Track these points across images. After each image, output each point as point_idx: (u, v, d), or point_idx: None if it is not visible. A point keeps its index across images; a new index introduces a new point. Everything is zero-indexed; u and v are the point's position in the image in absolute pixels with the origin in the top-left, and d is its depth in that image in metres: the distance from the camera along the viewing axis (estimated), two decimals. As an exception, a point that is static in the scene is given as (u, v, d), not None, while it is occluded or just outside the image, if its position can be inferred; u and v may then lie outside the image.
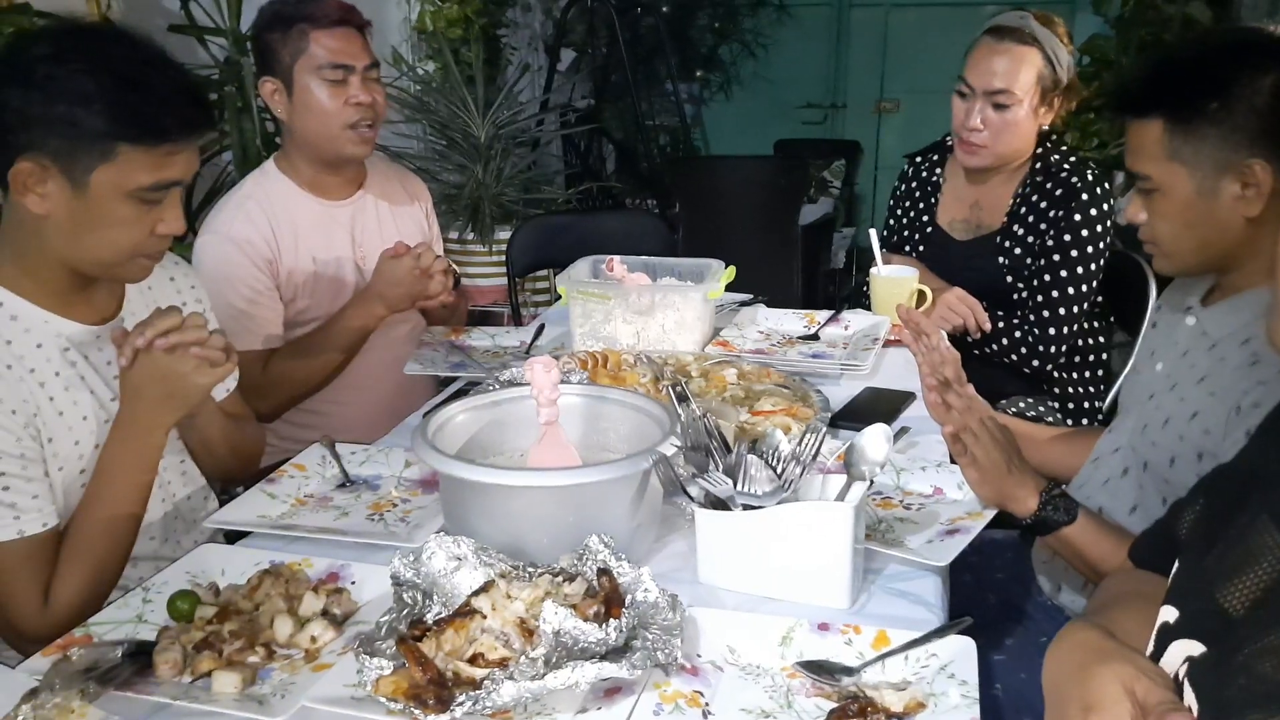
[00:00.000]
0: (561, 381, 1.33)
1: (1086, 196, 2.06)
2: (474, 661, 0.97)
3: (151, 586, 1.17)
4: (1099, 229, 2.06)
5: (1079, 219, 2.06)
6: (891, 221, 2.41)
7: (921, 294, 2.05)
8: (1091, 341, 2.22)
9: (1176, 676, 0.82)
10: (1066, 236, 2.06)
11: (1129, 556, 1.14)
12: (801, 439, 1.22)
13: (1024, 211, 2.14)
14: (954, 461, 1.35)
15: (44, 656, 1.03)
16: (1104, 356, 2.25)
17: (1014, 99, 2.06)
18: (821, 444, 1.23)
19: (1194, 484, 1.04)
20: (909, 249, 2.32)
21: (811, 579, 1.13)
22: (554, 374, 1.31)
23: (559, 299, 1.96)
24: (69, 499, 1.30)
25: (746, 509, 1.16)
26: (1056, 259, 2.08)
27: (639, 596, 1.03)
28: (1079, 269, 2.06)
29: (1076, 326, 2.11)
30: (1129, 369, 1.78)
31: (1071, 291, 2.07)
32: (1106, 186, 2.09)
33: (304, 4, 1.89)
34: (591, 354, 1.70)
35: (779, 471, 1.19)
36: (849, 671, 1.01)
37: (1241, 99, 1.21)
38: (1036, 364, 2.11)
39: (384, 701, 0.92)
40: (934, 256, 2.25)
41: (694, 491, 1.17)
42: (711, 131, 5.92)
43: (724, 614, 1.10)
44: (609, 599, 0.99)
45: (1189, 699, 0.79)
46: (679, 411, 1.26)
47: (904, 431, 1.54)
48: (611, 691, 0.97)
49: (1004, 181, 2.20)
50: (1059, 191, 2.10)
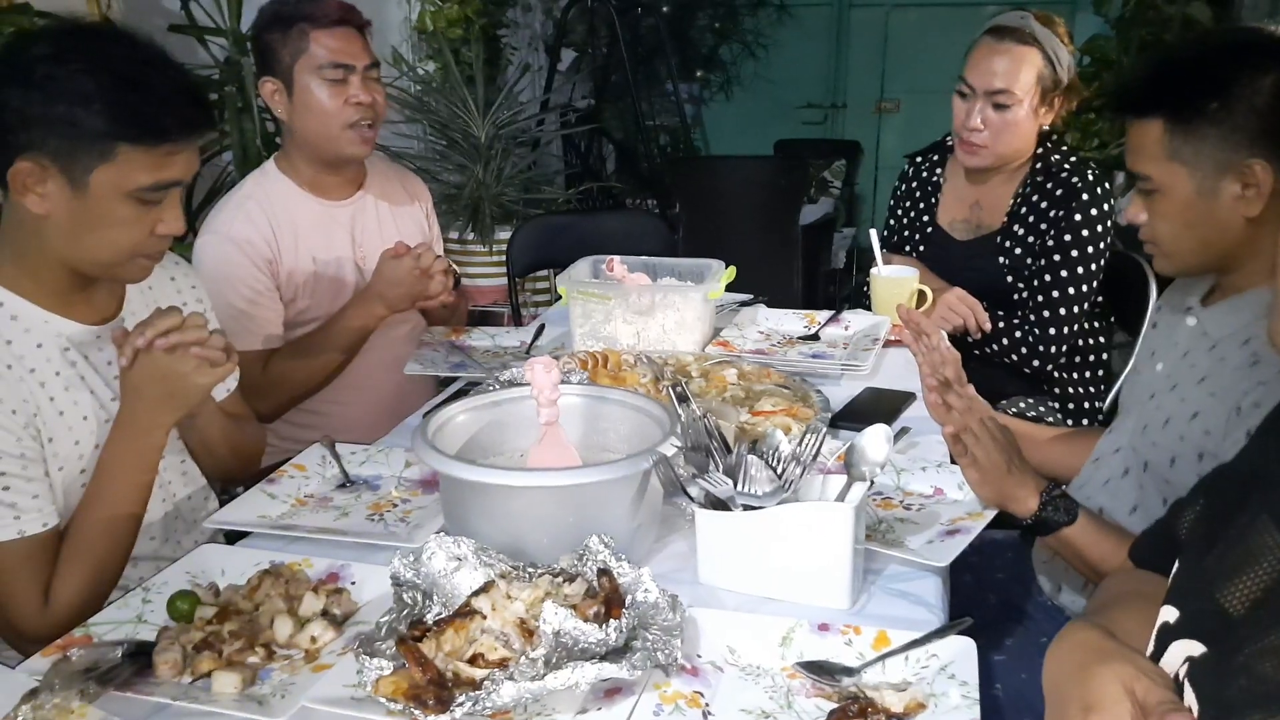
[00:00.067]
0: (561, 382, 1.33)
1: (1087, 196, 2.06)
2: (474, 662, 0.97)
3: (151, 587, 1.17)
4: (1099, 229, 2.06)
5: (1079, 219, 2.06)
6: (892, 221, 2.41)
7: (922, 294, 2.05)
8: (1092, 342, 2.22)
9: (1177, 676, 0.82)
10: (1067, 236, 2.06)
11: (1129, 556, 1.14)
12: (802, 439, 1.22)
13: (1024, 211, 2.14)
14: (954, 462, 1.34)
15: (44, 657, 1.03)
16: (1104, 357, 2.25)
17: (1014, 99, 2.06)
18: (822, 444, 1.23)
19: (1194, 484, 1.04)
20: (909, 249, 2.32)
21: (812, 579, 1.13)
22: (554, 374, 1.30)
23: (559, 299, 1.96)
24: (69, 499, 1.30)
25: (747, 509, 1.15)
26: (1057, 259, 2.08)
27: (639, 597, 1.03)
28: (1079, 269, 2.06)
29: (1077, 327, 2.11)
30: (1129, 369, 1.78)
31: (1072, 291, 2.07)
32: (1107, 186, 2.09)
33: (304, 4, 1.89)
34: (592, 354, 1.70)
35: (779, 472, 1.19)
36: (849, 672, 1.01)
37: (1242, 99, 1.21)
38: (1037, 364, 2.11)
39: (384, 702, 0.92)
40: (934, 256, 2.25)
41: (694, 492, 1.17)
42: (712, 132, 5.93)
43: (724, 614, 1.10)
44: (609, 599, 0.99)
45: (1189, 699, 0.79)
46: (679, 412, 1.26)
47: (904, 432, 1.54)
48: (611, 692, 0.97)
49: (1004, 181, 2.19)
50: (1059, 191, 2.10)
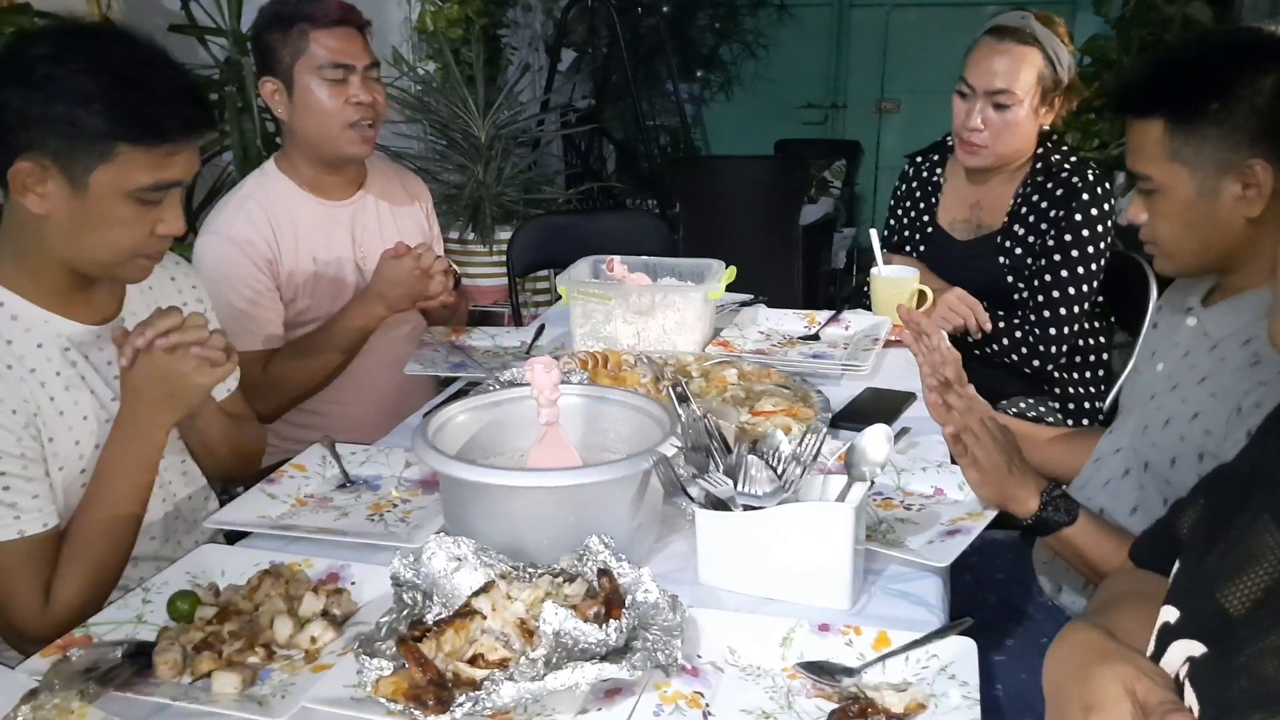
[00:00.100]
0: (562, 382, 1.33)
1: (1087, 196, 2.06)
2: (474, 662, 0.97)
3: (151, 587, 1.16)
4: (1100, 229, 2.06)
5: (1080, 219, 2.06)
6: (892, 221, 2.41)
7: (922, 294, 2.05)
8: (1092, 342, 2.22)
9: (1177, 677, 0.82)
10: (1067, 236, 2.06)
11: (1129, 556, 1.14)
12: (802, 439, 1.22)
13: (1025, 211, 2.14)
14: (954, 462, 1.34)
15: (43, 657, 1.03)
16: (1105, 357, 2.25)
17: (1014, 99, 2.06)
18: (822, 444, 1.23)
19: (1195, 484, 1.04)
20: (909, 249, 2.32)
21: (812, 580, 1.13)
22: (554, 374, 1.30)
23: (559, 299, 1.96)
24: (69, 499, 1.30)
25: (747, 509, 1.15)
26: (1057, 259, 2.07)
27: (639, 597, 1.03)
28: (1079, 269, 2.06)
29: (1077, 327, 2.11)
30: (1130, 369, 1.78)
31: (1072, 292, 2.07)
32: (1107, 186, 2.09)
33: (304, 4, 1.89)
34: (592, 354, 1.70)
35: (779, 472, 1.19)
36: (849, 672, 1.01)
37: (1242, 99, 1.21)
38: (1037, 364, 2.11)
39: (384, 702, 0.92)
40: (934, 256, 2.25)
41: (694, 492, 1.17)
42: (712, 131, 5.93)
43: (724, 615, 1.10)
44: (609, 600, 0.99)
45: (1190, 699, 0.79)
46: (679, 412, 1.26)
47: (904, 432, 1.54)
48: (612, 692, 0.97)
49: (1005, 181, 2.19)
50: (1060, 191, 2.09)
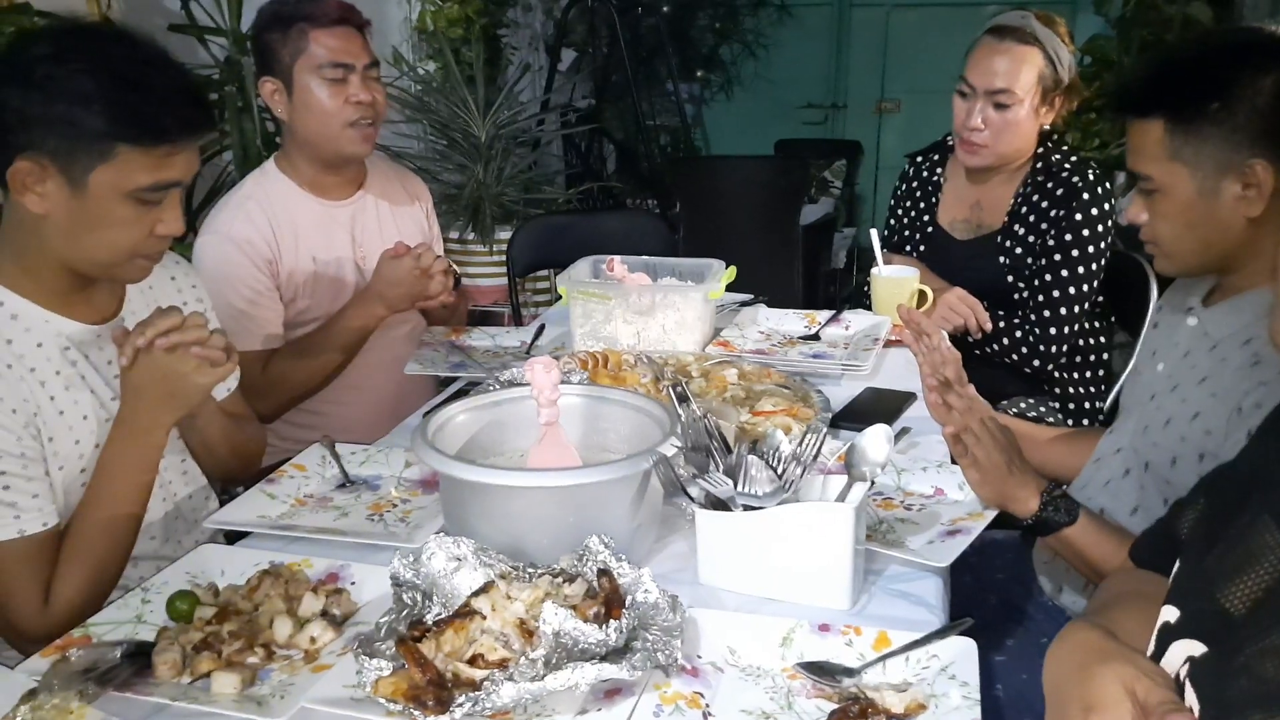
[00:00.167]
0: (562, 382, 1.33)
1: (1087, 196, 2.06)
2: (474, 662, 0.97)
3: (151, 587, 1.16)
4: (1100, 229, 2.06)
5: (1080, 219, 2.05)
6: (892, 221, 2.41)
7: (922, 294, 2.05)
8: (1092, 342, 2.22)
9: (1177, 677, 0.82)
10: (1067, 236, 2.06)
11: (1130, 556, 1.14)
12: (802, 439, 1.22)
13: (1025, 211, 2.14)
14: (955, 462, 1.34)
15: (43, 657, 1.03)
16: (1105, 357, 2.25)
17: (1015, 99, 2.06)
18: (822, 444, 1.23)
19: (1195, 484, 1.04)
20: (910, 249, 2.32)
21: (812, 580, 1.13)
22: (554, 374, 1.30)
23: (559, 299, 1.96)
24: (69, 498, 1.30)
25: (747, 510, 1.15)
26: (1057, 259, 2.07)
27: (639, 597, 1.02)
28: (1080, 269, 2.06)
29: (1077, 326, 2.11)
30: (1130, 369, 1.77)
31: (1072, 291, 2.07)
32: (1107, 186, 2.09)
33: (303, 3, 1.88)
34: (592, 354, 1.70)
35: (779, 472, 1.19)
36: (850, 673, 1.01)
37: (1243, 99, 1.21)
38: (1037, 364, 2.11)
39: (383, 702, 0.91)
40: (935, 256, 2.25)
41: (694, 492, 1.17)
42: (712, 131, 5.93)
43: (724, 615, 1.10)
44: (609, 600, 0.99)
45: (1190, 699, 0.79)
46: (679, 412, 1.26)
47: (905, 432, 1.54)
48: (611, 693, 0.97)
49: (1005, 181, 2.19)
50: (1060, 191, 2.09)
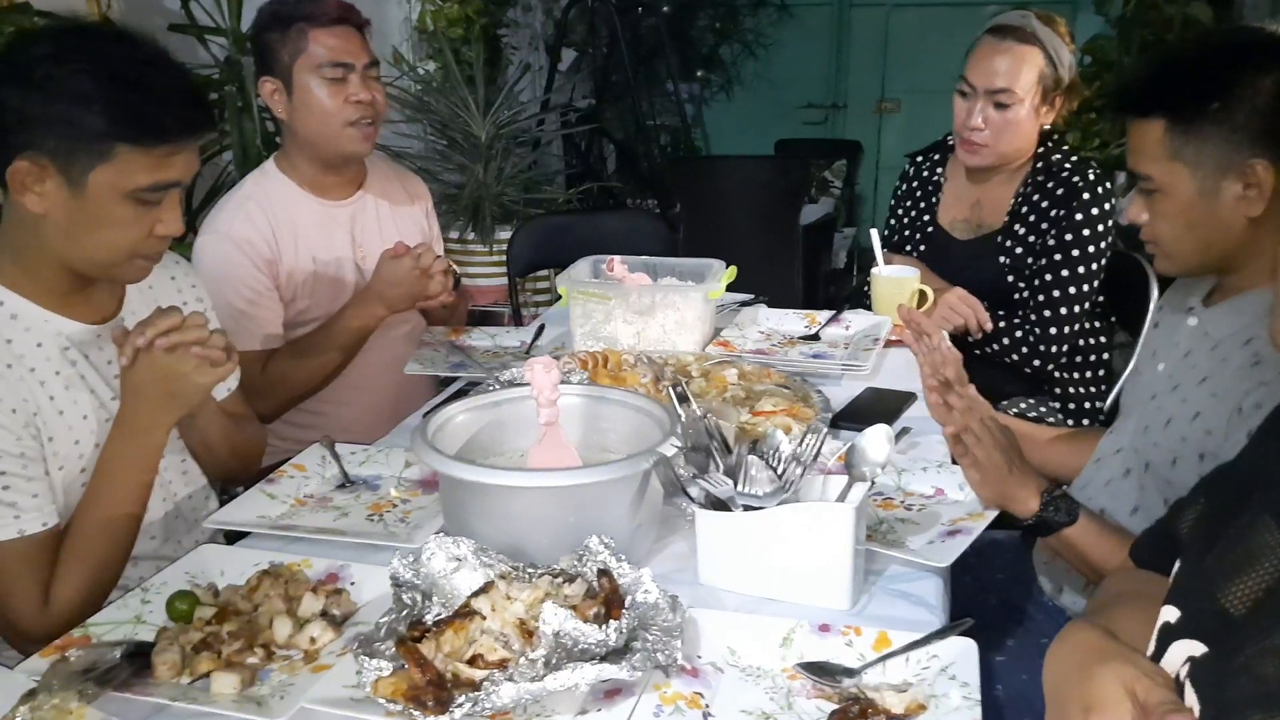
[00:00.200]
0: (561, 382, 1.33)
1: (1088, 196, 2.05)
2: (473, 663, 0.97)
3: (150, 587, 1.16)
4: (1100, 229, 2.06)
5: (1080, 219, 2.05)
6: (892, 221, 2.41)
7: (923, 294, 2.05)
8: (1093, 342, 2.22)
9: (1178, 677, 0.82)
10: (1068, 236, 2.06)
11: (1130, 556, 1.14)
12: (802, 439, 1.21)
13: (1025, 211, 2.14)
14: (955, 462, 1.34)
15: (42, 657, 1.03)
16: (1105, 357, 2.25)
17: (1015, 98, 2.06)
18: (822, 444, 1.22)
19: (1195, 484, 1.04)
20: (910, 249, 2.32)
21: (812, 580, 1.13)
22: (554, 374, 1.30)
23: (559, 299, 1.96)
24: (69, 498, 1.30)
25: (747, 510, 1.15)
26: (1058, 259, 2.07)
27: (639, 597, 1.02)
28: (1080, 269, 2.06)
29: (1078, 326, 2.11)
30: (1130, 369, 1.77)
31: (1073, 291, 2.07)
32: (1108, 186, 2.09)
33: (303, 3, 1.88)
34: (592, 354, 1.70)
35: (780, 472, 1.19)
36: (850, 673, 1.01)
37: (1243, 99, 1.21)
38: (1038, 364, 2.11)
39: (383, 703, 0.91)
40: (935, 256, 2.24)
41: (694, 492, 1.17)
42: (712, 131, 5.92)
43: (724, 615, 1.10)
44: (609, 600, 0.99)
45: (1190, 699, 0.79)
46: (679, 412, 1.26)
47: (905, 432, 1.54)
48: (611, 693, 0.97)
49: (1005, 181, 2.19)
50: (1060, 191, 2.09)
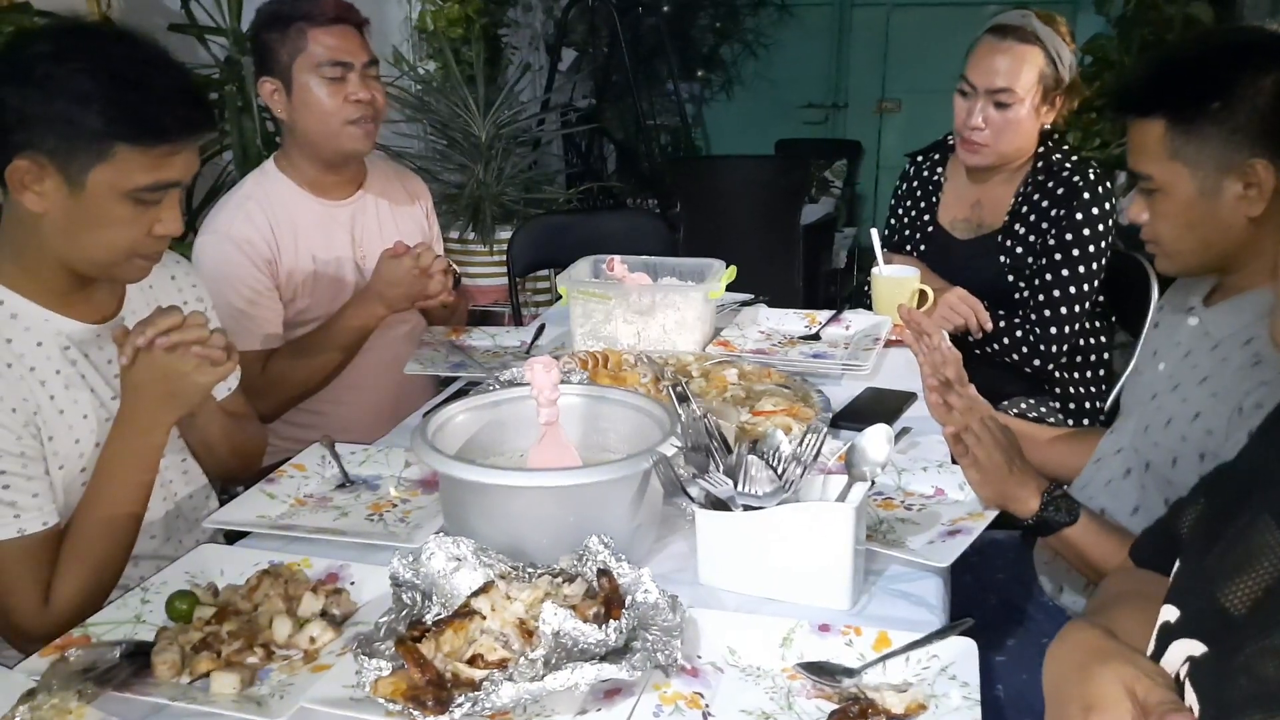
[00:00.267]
0: (561, 381, 1.33)
1: (1088, 195, 2.05)
2: (473, 663, 0.97)
3: (150, 587, 1.16)
4: (1100, 228, 2.06)
5: (1080, 218, 2.05)
6: (893, 221, 2.41)
7: (923, 294, 2.05)
8: (1093, 341, 2.22)
9: (1177, 676, 0.82)
10: (1068, 236, 2.06)
11: (1130, 555, 1.14)
12: (802, 439, 1.21)
13: (1025, 211, 2.14)
14: (955, 462, 1.34)
15: (41, 657, 1.03)
16: (1105, 357, 2.25)
17: (1016, 98, 2.06)
18: (822, 444, 1.22)
19: (1195, 483, 1.04)
20: (910, 248, 2.32)
21: (812, 580, 1.13)
22: (554, 374, 1.30)
23: (559, 299, 1.96)
24: (69, 498, 1.30)
25: (747, 510, 1.15)
26: (1058, 258, 2.07)
27: (639, 597, 1.02)
28: (1080, 268, 2.06)
29: (1078, 326, 2.11)
30: (1131, 369, 1.77)
31: (1073, 291, 2.07)
32: (1108, 186, 2.08)
33: (301, 3, 1.88)
34: (592, 354, 1.70)
35: (780, 472, 1.19)
36: (850, 673, 1.01)
37: (1243, 99, 1.21)
38: (1038, 364, 2.11)
39: (383, 703, 0.91)
40: (935, 256, 2.24)
41: (694, 492, 1.17)
42: (712, 131, 5.93)
43: (724, 615, 1.10)
44: (609, 600, 0.99)
45: (1190, 699, 0.79)
46: (679, 412, 1.26)
47: (905, 432, 1.54)
48: (611, 693, 0.97)
49: (1005, 181, 2.19)
50: (1060, 191, 2.09)
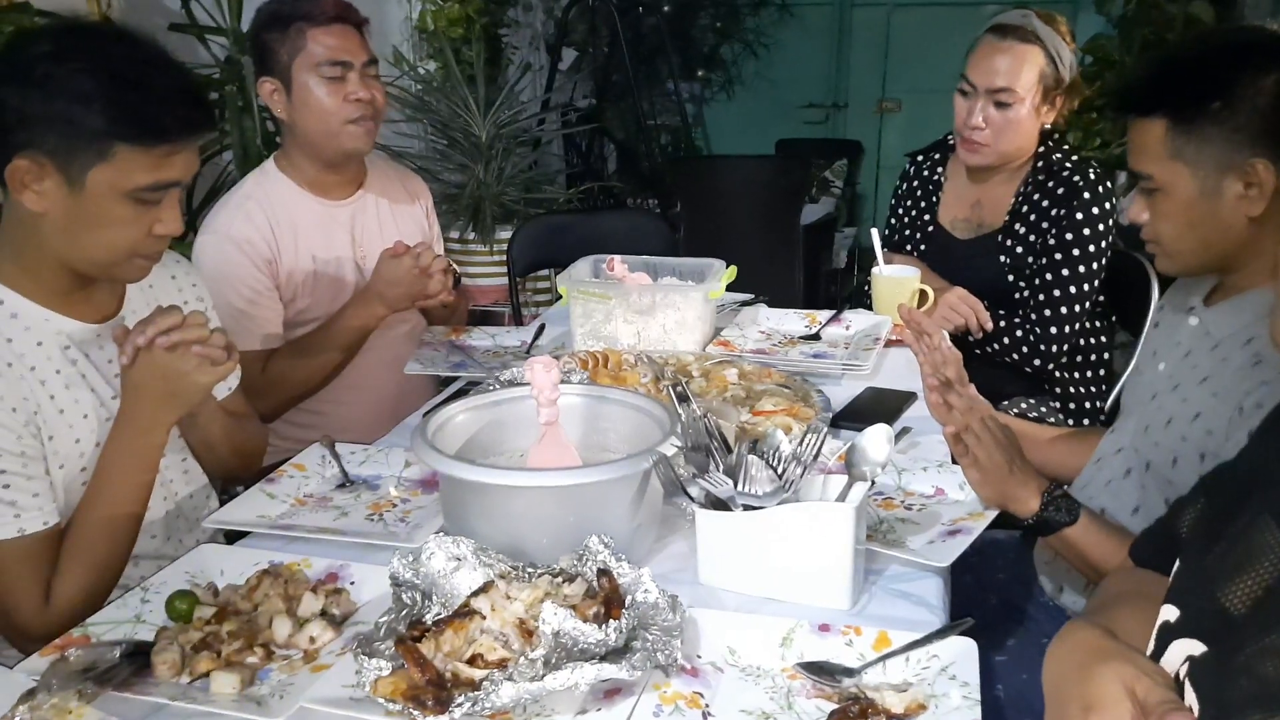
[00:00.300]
0: (562, 381, 1.33)
1: (1088, 195, 2.05)
2: (473, 662, 0.97)
3: (150, 587, 1.16)
4: (1101, 228, 2.06)
5: (1081, 218, 2.05)
6: (893, 220, 2.41)
7: (923, 293, 2.05)
8: (1093, 341, 2.22)
9: (1177, 676, 0.82)
10: (1068, 235, 2.06)
11: (1130, 555, 1.14)
12: (802, 439, 1.21)
13: (1025, 210, 2.14)
14: (955, 462, 1.34)
15: (41, 657, 1.03)
16: (1106, 356, 2.25)
17: (1016, 97, 2.06)
18: (822, 444, 1.22)
19: (1195, 483, 1.04)
20: (910, 248, 2.32)
21: (812, 580, 1.13)
22: (554, 374, 1.30)
23: (560, 299, 1.96)
24: (70, 497, 1.30)
25: (747, 509, 1.15)
26: (1058, 258, 2.07)
27: (639, 597, 1.02)
28: (1080, 268, 2.06)
29: (1078, 326, 2.11)
30: (1131, 369, 1.77)
31: (1073, 291, 2.07)
32: (1108, 185, 2.08)
33: (301, 2, 1.88)
34: (592, 354, 1.70)
35: (780, 472, 1.19)
36: (850, 673, 1.01)
37: (1244, 98, 1.21)
38: (1038, 364, 2.11)
39: (382, 702, 0.91)
40: (935, 256, 2.24)
41: (694, 492, 1.17)
42: (713, 131, 5.93)
43: (724, 615, 1.10)
44: (609, 600, 0.99)
45: (1190, 699, 0.79)
46: (679, 411, 1.26)
47: (905, 432, 1.54)
48: (611, 693, 0.97)
49: (1006, 180, 2.19)
50: (1061, 190, 2.09)
